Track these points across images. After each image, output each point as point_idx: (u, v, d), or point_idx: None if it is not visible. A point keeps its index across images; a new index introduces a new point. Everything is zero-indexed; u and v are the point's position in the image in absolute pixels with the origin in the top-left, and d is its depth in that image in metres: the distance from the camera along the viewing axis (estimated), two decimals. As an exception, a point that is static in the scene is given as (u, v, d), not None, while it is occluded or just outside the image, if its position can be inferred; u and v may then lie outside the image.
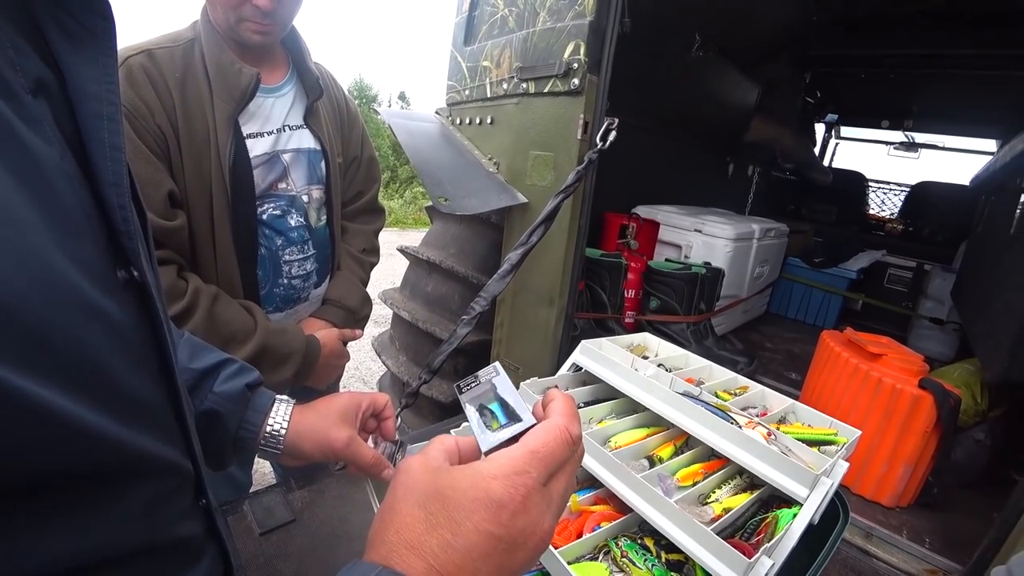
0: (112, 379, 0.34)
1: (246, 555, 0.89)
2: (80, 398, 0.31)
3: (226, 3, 0.99)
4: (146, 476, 0.39)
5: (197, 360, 0.66)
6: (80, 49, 0.36)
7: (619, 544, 0.74)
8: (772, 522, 0.72)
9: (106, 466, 0.34)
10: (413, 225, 10.94)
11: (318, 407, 0.71)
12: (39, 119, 0.32)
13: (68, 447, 0.31)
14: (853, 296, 3.46)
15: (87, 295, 0.32)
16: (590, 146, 1.48)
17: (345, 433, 0.68)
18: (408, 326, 2.13)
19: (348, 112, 1.33)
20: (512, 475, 0.35)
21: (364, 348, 4.12)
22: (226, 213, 1.05)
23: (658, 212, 2.72)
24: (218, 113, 1.02)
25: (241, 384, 0.67)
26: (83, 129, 0.35)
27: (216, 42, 1.03)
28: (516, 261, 1.39)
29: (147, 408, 0.39)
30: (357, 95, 15.16)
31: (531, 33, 1.67)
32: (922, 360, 1.48)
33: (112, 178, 0.36)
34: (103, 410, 0.33)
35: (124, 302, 0.37)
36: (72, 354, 0.31)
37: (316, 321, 1.27)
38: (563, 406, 0.41)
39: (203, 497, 0.49)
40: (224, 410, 0.65)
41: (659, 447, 0.87)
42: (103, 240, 0.36)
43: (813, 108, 4.97)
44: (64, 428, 0.30)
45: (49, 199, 0.30)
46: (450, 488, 0.35)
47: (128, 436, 0.35)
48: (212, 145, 1.02)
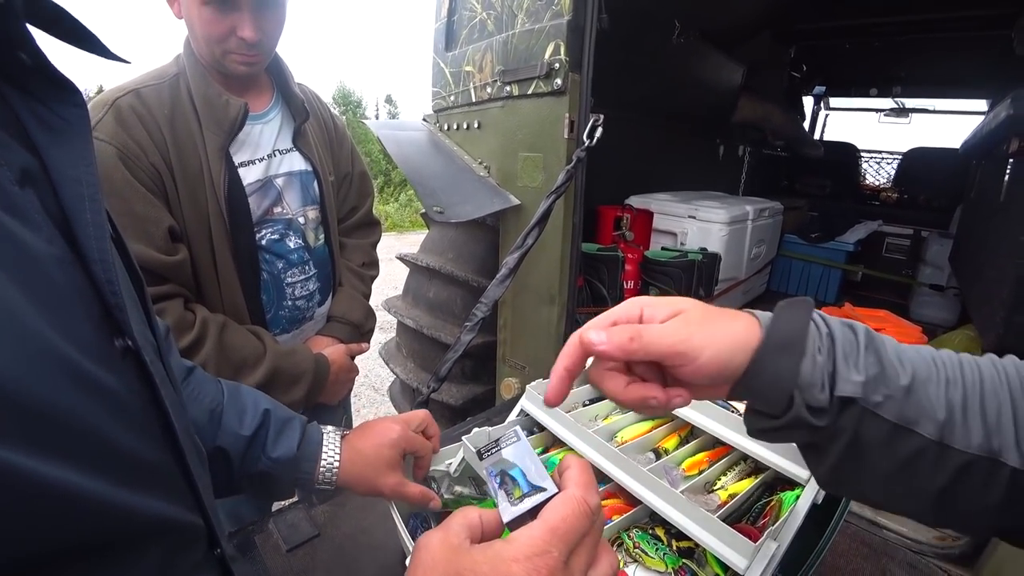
0: (115, 447, 0.36)
1: (276, 572, 0.92)
2: (84, 469, 0.32)
3: (211, 37, 1.00)
4: (158, 537, 0.40)
5: (243, 423, 0.69)
6: (57, 137, 0.39)
7: (631, 535, 0.77)
8: (776, 505, 0.75)
9: (118, 532, 0.36)
10: (410, 228, 10.96)
11: (366, 450, 0.73)
12: (26, 208, 0.34)
13: (78, 519, 0.32)
14: (852, 268, 3.48)
15: (84, 369, 0.34)
16: (577, 144, 1.51)
17: (392, 479, 0.72)
18: (413, 333, 2.15)
19: (336, 130, 1.35)
20: (533, 556, 0.35)
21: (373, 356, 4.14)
22: (226, 242, 1.08)
23: (651, 201, 2.74)
24: (209, 145, 1.04)
25: (292, 448, 0.70)
26: (67, 211, 0.38)
27: (201, 75, 1.05)
28: (513, 265, 1.41)
29: (153, 471, 0.41)
30: (340, 103, 15.14)
31: (511, 36, 1.68)
32: (920, 331, 1.50)
33: (98, 255, 0.38)
34: (109, 478, 0.34)
35: (122, 371, 0.39)
36: (74, 428, 0.32)
37: (323, 339, 1.30)
38: (579, 475, 0.41)
39: (217, 547, 0.50)
40: (278, 472, 0.69)
41: (664, 439, 0.90)
42: (97, 313, 0.38)
43: (800, 82, 4.97)
44: (72, 501, 0.31)
45: (39, 284, 0.32)
46: (470, 571, 0.35)
47: (136, 501, 0.37)
48: (206, 177, 1.04)
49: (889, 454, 0.41)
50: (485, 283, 1.46)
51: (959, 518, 0.42)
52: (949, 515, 0.42)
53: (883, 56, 4.17)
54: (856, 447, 0.41)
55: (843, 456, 0.42)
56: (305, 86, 1.28)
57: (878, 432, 0.40)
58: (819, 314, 0.44)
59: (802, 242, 3.50)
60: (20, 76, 0.38)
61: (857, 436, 0.41)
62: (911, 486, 0.41)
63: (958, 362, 0.43)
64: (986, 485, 0.38)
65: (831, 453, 0.42)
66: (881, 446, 0.41)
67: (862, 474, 0.43)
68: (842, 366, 0.41)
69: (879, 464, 0.41)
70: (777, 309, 0.45)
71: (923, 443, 0.39)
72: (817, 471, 0.45)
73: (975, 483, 0.39)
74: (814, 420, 0.41)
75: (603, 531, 0.42)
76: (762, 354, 0.43)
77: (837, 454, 0.42)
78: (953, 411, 0.40)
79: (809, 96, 5.36)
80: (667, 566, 0.73)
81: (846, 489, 0.46)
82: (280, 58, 1.19)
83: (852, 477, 0.44)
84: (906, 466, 0.40)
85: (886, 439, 0.40)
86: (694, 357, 0.43)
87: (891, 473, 0.41)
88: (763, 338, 0.43)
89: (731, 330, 0.44)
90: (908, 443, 0.40)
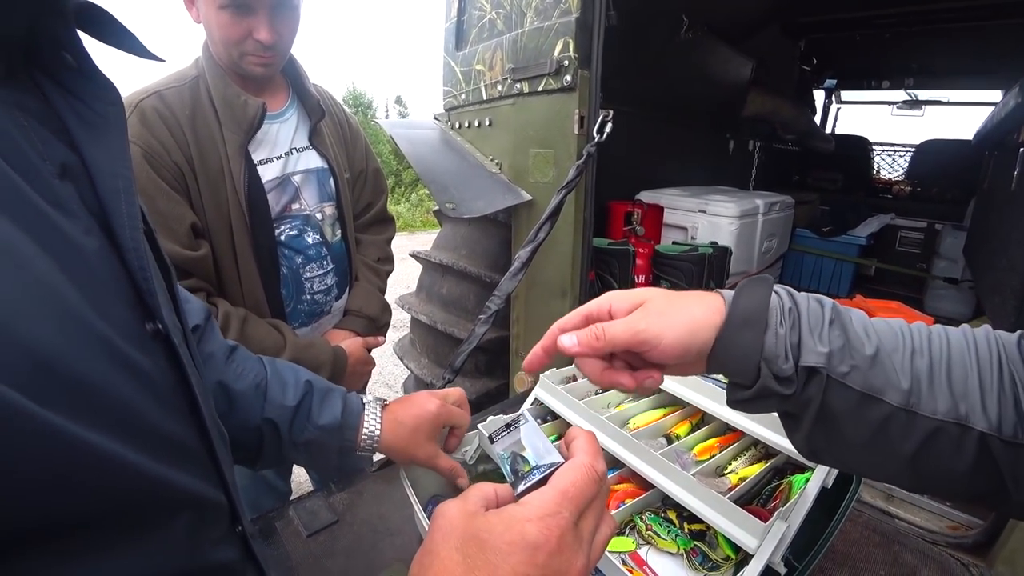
0: (146, 422, 0.38)
1: (296, 556, 0.95)
2: (120, 438, 0.35)
3: (228, 40, 1.04)
4: (184, 508, 0.42)
5: (287, 395, 0.73)
6: (95, 134, 0.41)
7: (644, 518, 0.79)
8: (786, 487, 0.76)
9: (150, 500, 0.38)
10: (422, 228, 11.00)
11: (407, 421, 0.76)
12: (66, 200, 0.37)
13: (115, 484, 0.35)
14: (865, 262, 3.46)
15: (119, 348, 0.36)
16: (588, 140, 1.52)
17: (429, 450, 0.75)
18: (427, 329, 2.18)
19: (350, 128, 1.38)
20: (545, 516, 0.37)
21: (387, 353, 4.18)
22: (246, 238, 1.11)
23: (662, 196, 2.75)
24: (229, 144, 1.07)
25: (336, 415, 0.74)
26: (104, 202, 0.40)
27: (220, 76, 1.08)
28: (526, 259, 1.43)
29: (180, 447, 0.43)
30: (352, 103, 15.22)
31: (520, 34, 1.70)
32: (933, 322, 1.50)
33: (131, 244, 0.41)
34: (142, 449, 0.36)
35: (153, 352, 0.42)
36: (110, 400, 0.35)
37: (340, 332, 1.33)
38: (586, 443, 0.43)
39: (238, 524, 0.53)
40: (325, 439, 0.73)
41: (676, 425, 0.92)
42: (131, 298, 0.41)
43: (810, 76, 4.92)
44: (109, 466, 0.34)
45: (80, 269, 0.35)
46: (486, 532, 0.37)
47: (166, 473, 0.39)
48: (226, 175, 1.07)
49: (859, 422, 0.43)
50: (497, 278, 1.48)
51: (935, 482, 0.44)
52: (925, 480, 0.44)
53: (895, 48, 4.12)
54: (826, 415, 0.44)
55: (815, 424, 0.45)
56: (320, 86, 1.31)
57: (846, 401, 0.43)
58: (785, 289, 0.47)
59: (814, 236, 3.48)
60: (62, 75, 0.40)
61: (825, 404, 0.43)
62: (884, 453, 0.43)
63: (927, 333, 0.45)
64: (957, 449, 0.40)
65: (804, 421, 0.45)
66: (851, 414, 0.43)
67: (836, 441, 0.45)
68: (807, 337, 0.44)
69: (852, 432, 0.44)
70: (738, 288, 0.48)
71: (890, 410, 0.42)
72: (794, 439, 0.48)
73: (945, 448, 0.41)
74: (781, 389, 0.44)
75: (607, 497, 0.44)
76: (727, 330, 0.46)
77: (809, 422, 0.45)
78: (919, 379, 0.42)
79: (820, 90, 5.32)
80: (679, 547, 0.75)
81: (825, 457, 0.49)
82: (295, 59, 1.21)
83: (827, 444, 0.46)
84: (877, 433, 0.42)
85: (854, 407, 0.43)
86: (655, 344, 0.47)
87: (864, 441, 0.43)
88: (727, 315, 0.47)
89: (689, 314, 0.48)
90: (876, 411, 0.42)
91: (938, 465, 0.42)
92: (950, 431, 0.40)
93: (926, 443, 0.41)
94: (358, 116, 14.75)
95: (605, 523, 0.42)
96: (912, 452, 0.42)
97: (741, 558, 0.72)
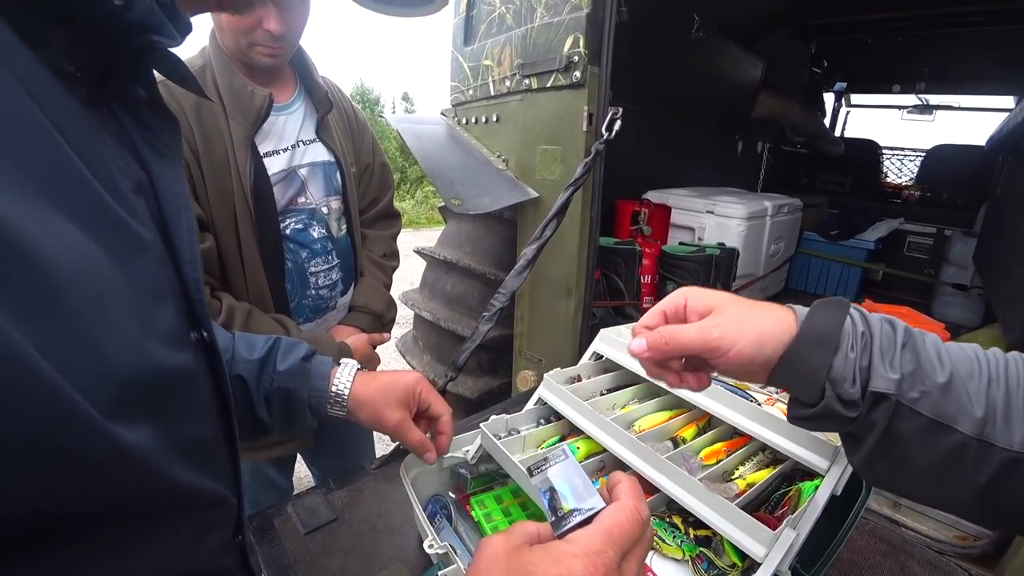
0: (182, 424, 0.40)
1: (294, 554, 0.94)
2: (160, 445, 0.36)
3: (237, 29, 1.02)
4: (200, 508, 0.44)
5: (253, 351, 0.74)
6: (161, 158, 0.46)
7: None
8: (795, 495, 0.75)
9: (176, 502, 0.40)
10: (427, 225, 11.00)
11: (381, 380, 0.77)
12: (140, 212, 0.40)
13: (148, 483, 0.36)
14: (872, 267, 3.43)
15: (165, 355, 0.38)
16: (596, 137, 1.51)
17: (398, 414, 0.75)
18: (430, 326, 2.17)
19: (357, 122, 1.37)
20: (591, 554, 0.38)
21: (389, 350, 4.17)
22: (251, 231, 1.10)
23: (669, 196, 2.73)
24: (235, 135, 1.06)
25: (298, 359, 0.75)
26: (167, 218, 0.44)
27: (227, 66, 1.07)
28: (532, 256, 1.42)
29: (208, 449, 0.46)
30: (359, 99, 15.23)
31: (530, 29, 1.69)
32: (943, 328, 1.48)
33: (188, 256, 0.45)
34: (173, 452, 0.38)
35: (197, 359, 0.45)
36: (151, 402, 0.36)
37: (345, 328, 1.32)
38: (631, 488, 0.44)
39: (240, 534, 0.54)
40: (292, 385, 0.73)
41: (682, 428, 0.90)
42: (183, 306, 0.44)
43: (821, 78, 4.88)
44: (144, 466, 0.35)
45: (146, 275, 0.38)
46: (533, 565, 0.38)
47: (191, 476, 0.41)
48: (232, 167, 1.06)
49: (927, 449, 0.42)
50: (502, 276, 1.47)
51: (1008, 516, 0.43)
52: (995, 512, 0.42)
53: (906, 52, 4.08)
54: (891, 440, 0.43)
55: (877, 447, 0.44)
56: (328, 79, 1.29)
57: (914, 427, 0.41)
58: (858, 311, 0.47)
59: (821, 240, 3.45)
60: (135, 106, 0.45)
61: (891, 429, 0.42)
62: (953, 483, 0.42)
63: (1004, 360, 0.43)
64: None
65: (866, 443, 0.44)
66: (918, 441, 0.42)
67: (900, 468, 0.44)
68: (878, 363, 0.43)
69: (918, 458, 0.42)
70: (813, 307, 0.48)
71: (962, 439, 0.40)
72: (853, 460, 0.47)
73: (1022, 480, 0.39)
74: (845, 412, 0.43)
75: (650, 543, 0.45)
76: (795, 348, 0.46)
77: (871, 445, 0.44)
78: (995, 408, 0.40)
79: (830, 92, 5.28)
80: (684, 554, 0.74)
81: (883, 480, 0.48)
82: (303, 51, 1.20)
83: (889, 470, 0.45)
84: (946, 462, 0.41)
85: (923, 434, 0.41)
86: (724, 352, 0.48)
87: (930, 468, 0.42)
88: (798, 333, 0.46)
89: (759, 325, 0.48)
90: (947, 439, 0.41)
91: (1013, 498, 0.40)
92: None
93: (1000, 475, 0.39)
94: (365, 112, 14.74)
95: (645, 569, 0.44)
96: (984, 484, 0.40)
97: (748, 566, 0.70)
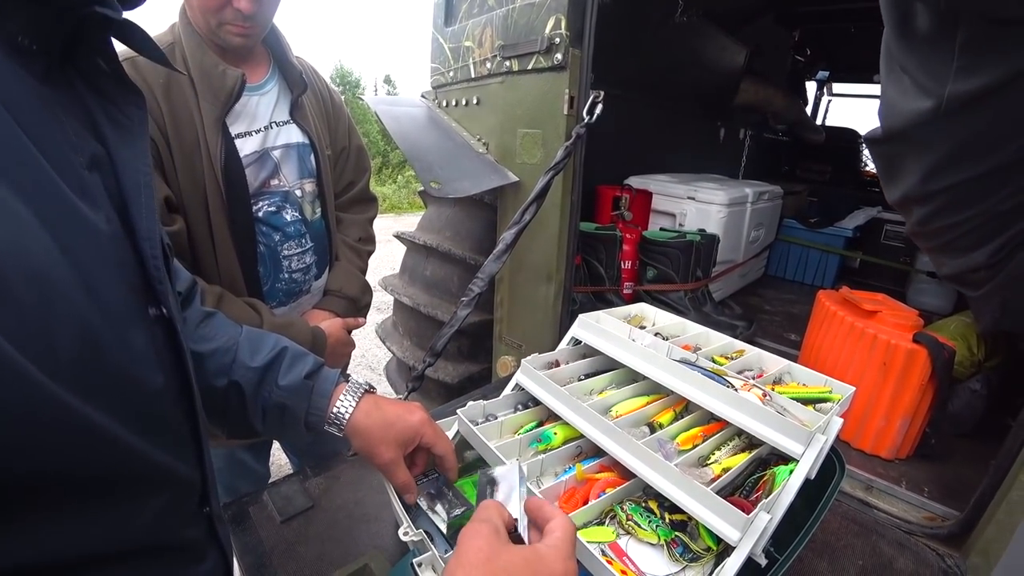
0: (140, 401, 0.41)
1: (269, 543, 0.93)
2: (114, 415, 0.38)
3: (206, 7, 0.99)
4: (160, 484, 0.45)
5: (257, 357, 0.71)
6: (122, 132, 0.46)
7: (624, 508, 0.77)
8: (770, 479, 0.75)
9: (130, 472, 0.41)
10: (408, 209, 10.92)
11: (386, 413, 0.73)
12: (92, 189, 0.40)
13: (104, 453, 0.38)
14: (850, 255, 3.47)
15: (121, 332, 0.39)
16: (577, 121, 1.49)
17: (391, 454, 0.71)
18: (410, 311, 2.15)
19: (333, 104, 1.34)
20: (568, 559, 0.47)
21: (369, 335, 4.15)
22: (222, 214, 1.07)
23: (650, 182, 2.73)
24: (205, 116, 1.03)
25: (300, 376, 0.72)
26: (126, 194, 0.45)
27: (197, 44, 1.03)
28: (511, 240, 1.41)
29: (167, 425, 0.47)
30: (339, 82, 14.99)
31: (511, 10, 1.65)
32: (916, 315, 1.50)
33: (146, 233, 0.45)
34: (128, 424, 0.39)
35: (155, 335, 0.45)
36: (109, 379, 0.38)
37: (320, 312, 1.30)
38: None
39: (207, 505, 0.55)
40: (290, 403, 0.70)
41: (659, 414, 0.90)
42: (139, 283, 0.44)
43: (804, 67, 4.92)
44: (98, 437, 0.37)
45: (96, 256, 0.38)
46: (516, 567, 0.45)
47: (150, 450, 0.42)
48: (202, 148, 1.03)
49: None
50: (482, 261, 1.45)
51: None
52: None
53: (887, 41, 4.11)
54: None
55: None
56: (303, 59, 1.26)
57: None
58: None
59: (801, 227, 3.49)
60: (96, 78, 0.45)
61: None
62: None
63: None
64: None
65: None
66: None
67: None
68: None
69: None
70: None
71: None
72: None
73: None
74: None
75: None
76: None
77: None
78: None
79: (813, 81, 5.32)
80: (659, 538, 0.74)
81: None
82: (277, 29, 1.17)
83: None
84: None
85: None
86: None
87: None
88: None
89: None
90: None
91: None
92: None
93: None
94: (345, 95, 14.53)
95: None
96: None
97: (722, 549, 0.71)
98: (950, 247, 0.51)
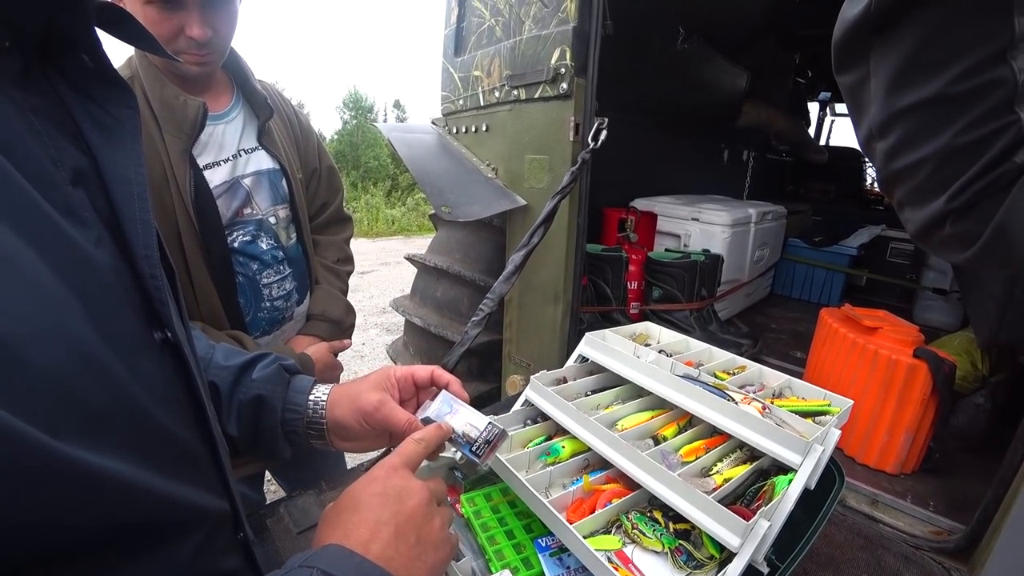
0: (155, 436, 0.38)
1: (286, 554, 0.96)
2: (130, 459, 0.34)
3: (159, 38, 0.95)
4: (192, 523, 0.42)
5: (233, 359, 0.70)
6: (109, 136, 0.41)
7: (630, 517, 0.80)
8: (769, 488, 0.78)
9: (157, 519, 0.38)
10: (417, 232, 11.02)
11: (356, 382, 0.72)
12: (78, 206, 0.36)
13: (121, 505, 0.34)
14: (856, 272, 3.49)
15: (126, 363, 0.36)
16: (583, 146, 1.54)
17: (376, 396, 0.68)
18: (421, 331, 2.19)
19: (300, 126, 1.33)
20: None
21: (380, 355, 4.20)
22: (197, 247, 1.06)
23: (655, 204, 2.77)
24: (171, 149, 1.01)
25: (277, 365, 0.70)
26: (117, 208, 0.40)
27: (156, 76, 1.01)
28: (519, 262, 1.45)
29: (187, 455, 0.43)
30: (352, 106, 15.28)
31: (518, 41, 1.73)
32: (917, 331, 1.52)
33: (144, 251, 0.40)
34: (150, 467, 0.36)
35: (161, 362, 0.42)
36: (118, 420, 0.35)
37: (304, 338, 1.29)
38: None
39: (241, 531, 0.53)
40: (266, 392, 0.68)
41: (663, 427, 0.93)
42: (140, 305, 0.40)
43: (805, 88, 4.99)
44: (114, 488, 0.33)
45: (89, 282, 0.35)
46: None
47: (173, 488, 0.39)
48: (171, 182, 1.02)
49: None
50: (491, 283, 1.50)
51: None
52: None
53: (888, 62, 4.16)
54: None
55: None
56: (266, 82, 1.24)
57: None
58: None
59: (805, 246, 3.51)
60: (79, 77, 0.40)
61: None
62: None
63: None
64: None
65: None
66: None
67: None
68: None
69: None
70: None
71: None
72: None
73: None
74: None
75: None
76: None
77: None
78: None
79: (815, 102, 5.38)
80: (664, 546, 0.76)
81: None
82: (238, 54, 1.15)
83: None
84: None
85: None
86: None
87: None
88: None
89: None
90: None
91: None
92: None
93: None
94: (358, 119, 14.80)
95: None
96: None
97: (725, 557, 0.73)
98: (914, 193, 0.51)
